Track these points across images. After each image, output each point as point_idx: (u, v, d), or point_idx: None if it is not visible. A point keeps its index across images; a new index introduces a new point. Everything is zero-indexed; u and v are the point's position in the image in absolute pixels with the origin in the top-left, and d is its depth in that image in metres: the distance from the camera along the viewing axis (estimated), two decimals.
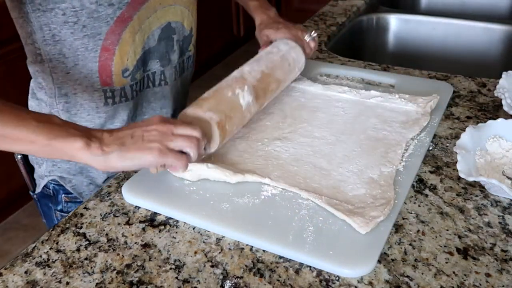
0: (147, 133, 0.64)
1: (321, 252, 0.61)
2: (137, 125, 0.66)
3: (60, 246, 0.66)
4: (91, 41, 0.81)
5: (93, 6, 0.77)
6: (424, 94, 0.95)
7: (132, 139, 0.64)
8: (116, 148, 0.63)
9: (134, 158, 0.63)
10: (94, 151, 0.62)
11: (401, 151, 0.79)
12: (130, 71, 0.87)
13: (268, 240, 0.64)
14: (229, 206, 0.69)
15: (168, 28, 0.90)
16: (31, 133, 0.61)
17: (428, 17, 1.46)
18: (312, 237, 0.63)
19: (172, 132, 0.65)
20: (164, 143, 0.64)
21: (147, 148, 0.63)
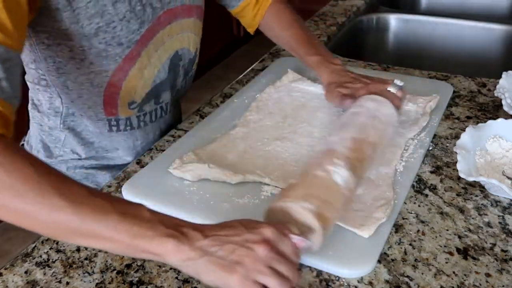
0: (243, 250, 0.53)
1: (321, 253, 0.61)
2: (240, 230, 0.55)
3: (60, 246, 0.66)
4: (97, 77, 0.78)
5: (102, 46, 0.74)
6: (424, 94, 0.95)
7: (222, 248, 0.53)
8: (202, 255, 0.52)
9: (214, 275, 0.52)
10: (181, 256, 0.52)
11: (400, 151, 0.79)
12: (137, 103, 0.85)
13: None
14: (229, 206, 0.69)
15: (175, 57, 0.87)
16: (111, 230, 0.51)
17: (428, 17, 1.46)
18: None
19: (270, 262, 0.53)
20: (252, 273, 0.52)
21: (230, 270, 0.52)
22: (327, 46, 1.28)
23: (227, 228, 0.55)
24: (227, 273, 0.51)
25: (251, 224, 0.55)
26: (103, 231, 0.51)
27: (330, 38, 1.35)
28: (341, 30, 1.42)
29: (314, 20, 1.45)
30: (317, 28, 1.38)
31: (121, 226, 0.51)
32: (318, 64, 0.92)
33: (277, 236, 0.54)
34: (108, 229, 0.51)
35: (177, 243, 0.52)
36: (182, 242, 0.52)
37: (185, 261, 0.52)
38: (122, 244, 0.52)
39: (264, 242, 0.53)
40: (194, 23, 0.89)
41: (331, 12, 1.49)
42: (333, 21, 1.43)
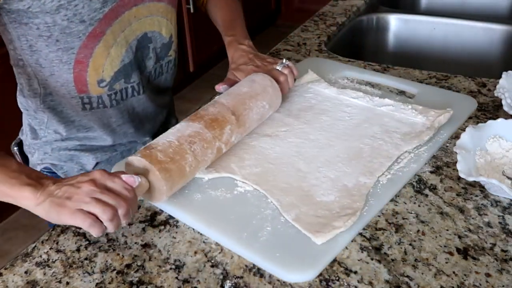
0: (72, 189, 0.62)
1: (268, 253, 0.62)
2: (75, 177, 0.64)
3: (60, 246, 0.66)
4: (65, 54, 0.81)
5: (65, 23, 0.77)
6: (443, 107, 0.89)
7: (60, 191, 0.62)
8: (47, 197, 0.62)
9: (54, 212, 0.61)
10: (36, 201, 0.62)
11: (389, 163, 0.76)
12: (106, 82, 0.87)
13: (223, 234, 0.65)
14: (200, 197, 0.71)
15: (144, 38, 0.90)
16: None
17: (428, 17, 1.46)
18: (265, 237, 0.64)
19: (92, 194, 0.61)
20: (77, 204, 0.61)
21: (62, 205, 0.61)
22: (327, 46, 1.29)
23: (70, 177, 0.65)
24: (60, 208, 0.61)
25: (86, 172, 0.65)
26: None
27: (330, 38, 1.35)
28: (341, 30, 1.42)
29: (314, 20, 1.45)
30: (317, 28, 1.38)
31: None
32: (228, 44, 1.00)
33: (104, 176, 0.64)
34: None
35: (33, 190, 0.62)
36: (37, 190, 0.62)
37: (37, 205, 0.62)
38: None
39: (90, 180, 0.63)
40: (166, 8, 0.92)
41: (331, 12, 1.49)
42: (333, 21, 1.43)
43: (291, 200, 0.69)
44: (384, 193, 0.72)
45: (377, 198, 0.71)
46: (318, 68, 1.06)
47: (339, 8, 1.51)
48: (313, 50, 1.24)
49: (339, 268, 0.61)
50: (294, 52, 1.23)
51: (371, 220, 0.68)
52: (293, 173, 0.75)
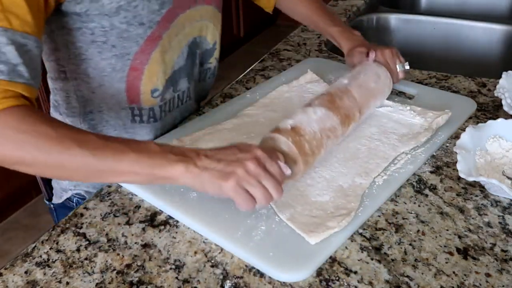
0: (235, 164, 0.62)
1: (261, 252, 0.62)
2: (233, 150, 0.64)
3: (60, 246, 0.66)
4: (119, 61, 0.78)
5: (124, 26, 0.75)
6: (442, 108, 0.89)
7: (219, 163, 0.62)
8: (203, 170, 0.62)
9: (213, 184, 0.62)
10: (190, 174, 0.62)
11: (385, 164, 0.76)
12: (160, 91, 0.85)
13: (217, 233, 0.65)
14: (196, 196, 0.71)
15: (194, 43, 0.88)
16: (133, 165, 0.61)
17: (428, 17, 1.46)
18: (259, 237, 0.64)
19: (256, 174, 0.62)
20: (242, 182, 0.61)
21: (225, 178, 0.61)
22: (327, 46, 1.28)
23: (224, 150, 0.65)
24: (223, 181, 0.61)
25: (245, 147, 0.65)
26: (125, 168, 0.61)
27: None
28: None
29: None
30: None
31: (139, 161, 0.61)
32: (339, 34, 0.99)
33: (266, 157, 0.64)
34: (129, 165, 0.61)
35: (185, 165, 0.62)
36: (189, 164, 0.62)
37: (193, 178, 0.62)
38: (143, 175, 0.62)
39: (254, 159, 0.63)
40: (213, 12, 0.91)
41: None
42: None
43: (286, 199, 0.69)
44: (379, 194, 0.72)
45: (372, 199, 0.71)
46: (318, 68, 1.06)
47: (339, 8, 1.51)
48: (313, 50, 1.24)
49: (339, 268, 0.61)
50: (294, 52, 1.23)
51: (371, 220, 0.68)
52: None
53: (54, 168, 0.62)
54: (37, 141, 0.60)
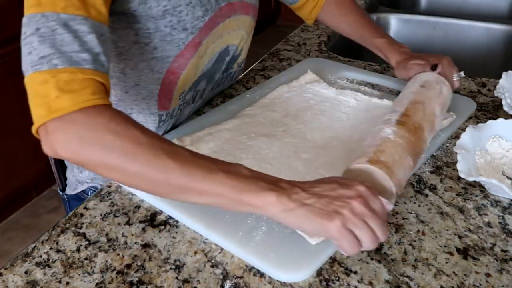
0: (338, 203, 0.57)
1: (262, 252, 0.61)
2: (334, 185, 0.59)
3: (60, 246, 0.66)
4: (158, 63, 0.78)
5: (167, 30, 0.75)
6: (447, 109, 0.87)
7: (319, 200, 0.57)
8: (300, 206, 0.57)
9: (313, 223, 0.56)
10: (282, 207, 0.57)
11: None
12: (185, 92, 0.86)
13: (218, 233, 0.65)
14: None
15: (225, 51, 0.89)
16: (220, 187, 0.57)
17: (428, 17, 1.46)
18: (260, 237, 0.64)
19: (363, 215, 0.56)
20: (348, 223, 0.56)
21: (329, 218, 0.56)
22: (327, 46, 1.29)
23: (322, 184, 0.60)
24: (327, 221, 0.55)
25: (344, 181, 0.60)
26: (211, 188, 0.57)
27: (330, 38, 1.35)
28: None
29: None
30: (317, 28, 1.38)
31: (227, 183, 0.57)
32: (386, 46, 0.97)
33: (370, 194, 0.58)
34: (216, 186, 0.57)
35: (277, 196, 0.56)
36: (282, 195, 0.57)
37: (285, 211, 0.56)
38: (228, 199, 0.57)
39: (359, 197, 0.57)
40: (250, 22, 0.92)
41: None
42: None
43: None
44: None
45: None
46: (317, 68, 1.06)
47: None
48: (313, 50, 1.24)
49: (339, 268, 0.61)
50: (294, 52, 1.23)
51: None
52: (290, 173, 0.74)
53: (135, 176, 0.57)
54: (124, 144, 0.56)
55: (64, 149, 0.57)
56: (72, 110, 0.56)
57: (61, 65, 0.57)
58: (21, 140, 2.03)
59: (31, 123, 0.59)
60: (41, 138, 0.59)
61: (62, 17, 0.59)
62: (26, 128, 0.97)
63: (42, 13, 0.59)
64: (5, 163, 2.02)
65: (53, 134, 0.57)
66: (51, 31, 0.58)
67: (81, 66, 0.58)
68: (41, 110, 0.57)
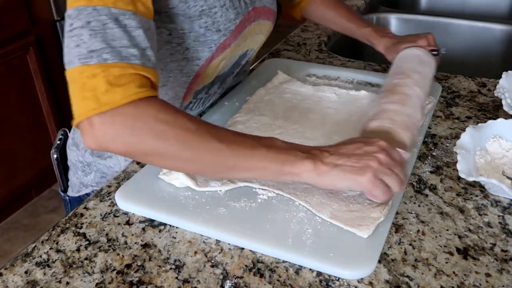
0: (366, 158, 0.63)
1: (322, 254, 0.61)
2: (358, 145, 0.66)
3: (60, 246, 0.66)
4: (188, 65, 0.79)
5: (202, 31, 0.75)
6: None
7: (349, 159, 0.63)
8: (333, 167, 0.63)
9: (347, 179, 0.63)
10: (317, 172, 0.63)
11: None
12: (198, 91, 0.86)
13: (267, 244, 0.63)
14: (225, 211, 0.68)
15: (245, 54, 0.90)
16: (263, 160, 0.63)
17: (428, 17, 1.46)
18: (311, 240, 0.63)
19: (390, 165, 0.64)
20: (378, 174, 0.62)
21: (361, 173, 0.62)
22: (327, 46, 1.29)
23: (347, 145, 0.66)
24: (359, 176, 0.62)
25: (365, 140, 0.67)
26: (257, 163, 0.63)
27: (330, 38, 1.35)
28: None
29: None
30: (317, 28, 1.38)
31: (270, 156, 0.63)
32: (373, 33, 1.02)
33: (389, 147, 0.66)
34: (260, 161, 0.63)
35: (313, 162, 0.63)
36: (316, 161, 0.63)
37: (320, 175, 0.63)
38: (271, 170, 0.63)
39: (383, 150, 0.64)
40: (269, 27, 0.93)
41: None
42: None
43: (319, 199, 0.69)
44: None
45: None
46: (280, 69, 1.07)
47: None
48: (313, 50, 1.24)
49: None
50: (294, 52, 1.23)
51: None
52: None
53: (188, 161, 0.62)
54: (176, 132, 0.60)
55: (114, 141, 0.59)
56: (121, 103, 0.58)
57: (112, 60, 0.58)
58: (21, 140, 2.03)
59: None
60: (83, 132, 0.60)
61: (113, 11, 0.59)
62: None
63: (93, 6, 0.59)
64: (5, 163, 2.02)
65: (101, 127, 0.58)
66: (102, 25, 0.59)
67: (131, 62, 0.59)
68: (89, 103, 0.57)
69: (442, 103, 0.97)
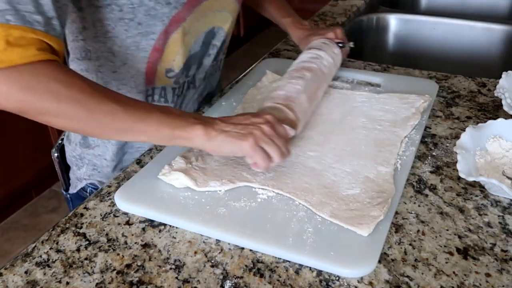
0: (251, 127, 0.69)
1: (322, 254, 0.61)
2: (247, 116, 0.72)
3: (60, 246, 0.66)
4: (144, 40, 0.80)
5: (151, 4, 0.77)
6: (411, 92, 0.95)
7: (235, 127, 0.69)
8: (221, 133, 0.68)
9: (231, 144, 0.68)
10: (207, 137, 0.68)
11: (396, 150, 0.79)
12: (175, 72, 0.87)
13: (267, 243, 0.63)
14: (225, 211, 0.68)
15: (211, 32, 0.90)
16: (156, 123, 0.67)
17: (428, 17, 1.46)
18: (312, 239, 0.63)
19: (271, 135, 0.69)
20: (259, 141, 0.68)
21: (244, 138, 0.68)
22: None
23: (238, 116, 0.73)
24: (241, 141, 0.68)
25: (255, 113, 0.74)
26: (150, 126, 0.66)
27: None
28: None
29: (314, 20, 1.45)
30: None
31: (163, 120, 0.67)
32: (290, 24, 1.08)
33: (276, 121, 0.72)
34: (154, 124, 0.67)
35: (204, 128, 0.68)
36: (207, 127, 0.68)
37: (209, 140, 0.68)
38: (163, 133, 0.67)
39: (268, 122, 0.71)
40: (234, 6, 0.93)
41: (331, 12, 1.49)
42: (333, 21, 1.43)
43: (319, 198, 0.69)
44: (401, 178, 0.74)
45: (396, 184, 0.72)
46: (280, 69, 1.06)
47: (339, 8, 1.51)
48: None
49: None
50: (294, 52, 1.23)
51: None
52: (308, 172, 0.75)
53: (82, 121, 0.64)
54: (72, 92, 0.61)
55: (7, 99, 0.60)
56: (18, 63, 0.59)
57: (14, 22, 0.59)
58: (21, 140, 2.03)
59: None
60: None
61: None
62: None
63: None
64: (5, 163, 2.02)
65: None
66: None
67: (34, 27, 0.60)
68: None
69: (442, 103, 0.97)
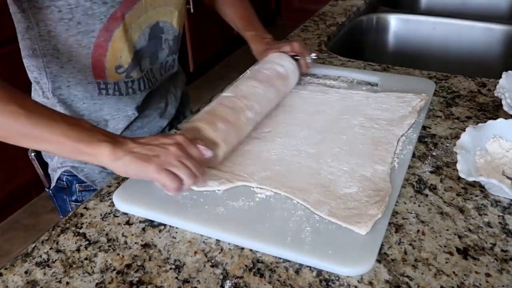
0: (158, 149, 0.67)
1: (321, 252, 0.61)
2: (157, 137, 0.70)
3: (60, 246, 0.66)
4: (85, 38, 0.83)
5: (88, 4, 0.79)
6: (408, 91, 0.96)
7: (143, 149, 0.67)
8: (128, 153, 0.66)
9: (136, 166, 0.66)
10: (114, 157, 0.65)
11: (393, 148, 0.79)
12: (124, 68, 0.89)
13: (266, 242, 0.63)
14: (224, 210, 0.68)
15: (156, 27, 0.92)
16: (61, 135, 0.64)
17: (428, 17, 1.46)
18: (310, 238, 0.63)
19: (179, 157, 0.67)
20: (165, 164, 0.66)
21: (148, 160, 0.65)
22: (327, 46, 1.29)
23: (150, 137, 0.70)
24: (145, 163, 0.65)
25: (167, 134, 0.71)
26: (54, 136, 0.65)
27: (330, 38, 1.35)
28: (341, 30, 1.42)
29: (314, 20, 1.45)
30: (317, 28, 1.38)
31: (68, 133, 0.65)
32: (251, 38, 1.06)
33: (187, 142, 0.69)
34: (57, 134, 0.64)
35: (111, 147, 0.65)
36: (115, 146, 0.66)
37: (115, 160, 0.66)
38: (68, 147, 0.65)
39: (176, 143, 0.68)
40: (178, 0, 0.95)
41: (331, 12, 1.49)
42: (333, 21, 1.43)
43: (316, 197, 0.69)
44: (398, 177, 0.74)
45: (394, 183, 0.72)
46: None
47: (339, 8, 1.51)
48: (313, 50, 1.24)
49: None
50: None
51: None
52: (304, 171, 0.75)
53: None
54: None
55: None
56: None
57: None
58: None
59: None
60: None
61: None
62: None
63: None
64: (5, 163, 2.02)
65: None
66: None
67: None
68: None
69: (442, 103, 0.97)
